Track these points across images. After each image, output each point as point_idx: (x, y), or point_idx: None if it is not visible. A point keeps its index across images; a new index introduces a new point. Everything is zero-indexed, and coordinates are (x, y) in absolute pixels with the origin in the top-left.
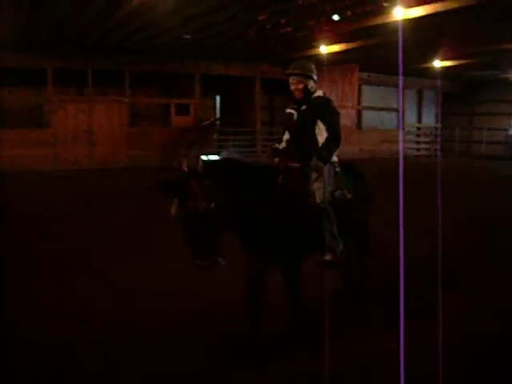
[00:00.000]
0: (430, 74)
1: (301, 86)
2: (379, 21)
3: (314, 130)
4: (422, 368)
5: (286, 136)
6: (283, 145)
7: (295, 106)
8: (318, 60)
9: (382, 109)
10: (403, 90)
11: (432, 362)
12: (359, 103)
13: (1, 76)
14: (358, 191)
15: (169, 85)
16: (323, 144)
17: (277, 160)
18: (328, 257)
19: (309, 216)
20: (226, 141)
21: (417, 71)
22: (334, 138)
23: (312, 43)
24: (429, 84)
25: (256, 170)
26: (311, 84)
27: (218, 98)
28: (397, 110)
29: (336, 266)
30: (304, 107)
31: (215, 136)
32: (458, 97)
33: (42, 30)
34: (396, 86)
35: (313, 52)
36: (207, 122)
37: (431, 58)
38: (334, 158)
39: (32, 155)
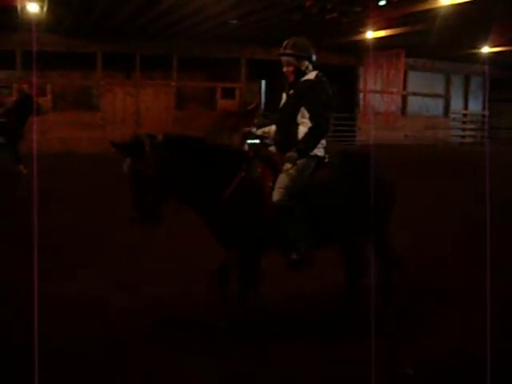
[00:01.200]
0: (478, 59)
1: (291, 68)
2: (426, 6)
3: (295, 117)
4: None
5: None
6: (267, 130)
7: (289, 90)
8: (364, 45)
9: (427, 95)
10: (450, 75)
11: None
12: (404, 89)
13: (52, 60)
14: (360, 186)
15: (215, 69)
16: (304, 135)
17: (246, 147)
18: (292, 256)
19: (265, 213)
20: (270, 125)
21: (464, 57)
22: (316, 129)
23: (358, 29)
24: (476, 70)
25: (218, 152)
26: (304, 65)
27: (263, 83)
28: (442, 96)
29: (301, 266)
30: (291, 91)
31: (258, 120)
32: (507, 83)
33: (92, 16)
34: (442, 71)
35: (359, 37)
36: (251, 106)
37: (479, 44)
38: (319, 152)
39: (81, 137)
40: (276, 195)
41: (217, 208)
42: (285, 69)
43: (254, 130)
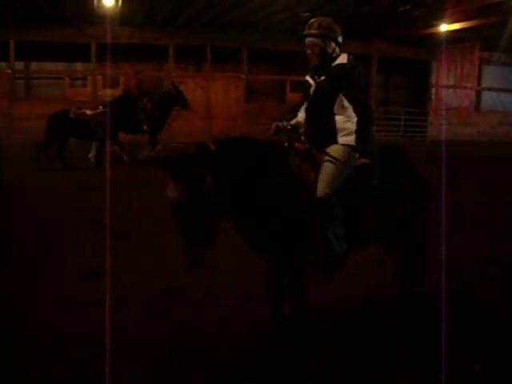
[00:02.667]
0: None
1: (317, 50)
2: None
3: (330, 106)
4: None
5: (302, 113)
6: (298, 121)
7: (315, 76)
8: (437, 38)
9: (502, 90)
10: None
11: None
12: (478, 84)
13: (126, 52)
14: (397, 180)
15: (285, 62)
16: (357, 132)
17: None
18: (325, 257)
19: (306, 210)
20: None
21: None
22: (366, 119)
23: (431, 21)
24: None
25: (263, 148)
26: (332, 47)
27: None
28: None
29: (332, 270)
30: (322, 78)
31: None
32: None
33: (165, 8)
34: None
35: (432, 30)
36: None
37: None
38: (352, 141)
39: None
40: (321, 190)
41: (258, 209)
42: (309, 51)
43: (285, 123)
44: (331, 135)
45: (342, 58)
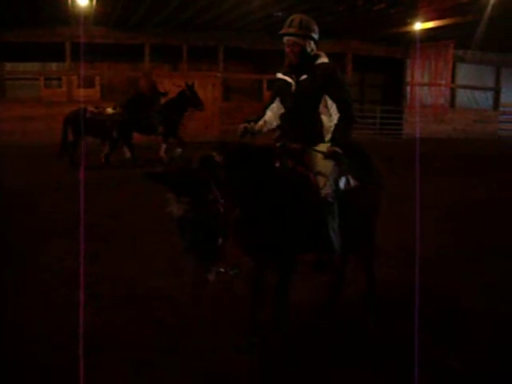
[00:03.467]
0: None
1: (297, 49)
2: None
3: (317, 106)
4: None
5: (275, 109)
6: (265, 120)
7: (292, 75)
8: (411, 37)
9: (476, 87)
10: (500, 67)
11: None
12: (453, 81)
13: (101, 52)
14: (365, 178)
15: (261, 60)
16: (336, 125)
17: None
18: (324, 256)
19: (310, 211)
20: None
21: None
22: (348, 117)
23: (406, 20)
24: None
25: (257, 152)
26: (311, 46)
27: None
28: (492, 89)
29: (330, 269)
30: (304, 76)
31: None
32: None
33: (140, 7)
34: (492, 63)
35: (406, 28)
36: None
37: None
38: None
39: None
40: (325, 189)
41: (259, 212)
42: (288, 50)
43: (252, 124)
44: (319, 134)
45: (324, 58)
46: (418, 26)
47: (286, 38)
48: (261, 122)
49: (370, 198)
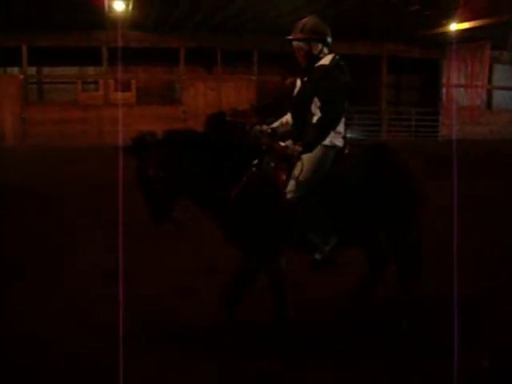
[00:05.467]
0: None
1: (302, 53)
2: None
3: (309, 107)
4: None
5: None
6: (282, 122)
7: (301, 77)
8: (447, 38)
9: None
10: None
11: None
12: (489, 83)
13: (137, 56)
14: (387, 180)
15: (295, 63)
16: (312, 125)
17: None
18: (315, 256)
19: (279, 209)
20: (350, 120)
21: None
22: (325, 120)
23: (441, 21)
24: None
25: (226, 147)
26: (317, 49)
27: None
28: None
29: (323, 266)
30: (305, 78)
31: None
32: None
33: (175, 12)
34: None
35: (442, 30)
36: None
37: None
38: (337, 141)
39: (164, 129)
40: (289, 189)
41: (227, 207)
42: (296, 54)
43: (264, 127)
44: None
45: (326, 59)
46: (454, 26)
47: (293, 43)
48: (277, 123)
49: (395, 201)
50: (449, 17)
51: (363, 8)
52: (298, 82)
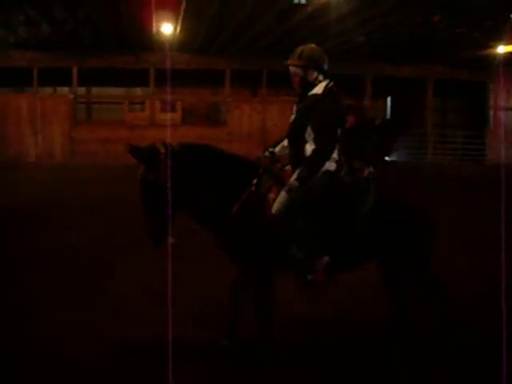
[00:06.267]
0: None
1: (297, 79)
2: None
3: (302, 134)
4: None
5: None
6: (283, 145)
7: (298, 104)
8: (494, 60)
9: None
10: None
11: None
12: None
13: (183, 77)
14: (386, 209)
15: (339, 85)
16: (306, 160)
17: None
18: (305, 277)
19: (267, 229)
20: (395, 142)
21: None
22: (319, 151)
23: (488, 42)
24: None
25: (233, 164)
26: (313, 76)
27: (388, 100)
28: None
29: (312, 288)
30: (300, 106)
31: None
32: None
33: (222, 35)
34: None
35: (489, 52)
36: (379, 122)
37: None
38: (330, 166)
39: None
40: (274, 209)
41: (225, 223)
42: (292, 80)
43: (270, 149)
44: (302, 160)
45: (319, 88)
46: (501, 48)
47: (290, 69)
48: (279, 147)
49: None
50: (496, 39)
51: (410, 30)
52: (295, 108)
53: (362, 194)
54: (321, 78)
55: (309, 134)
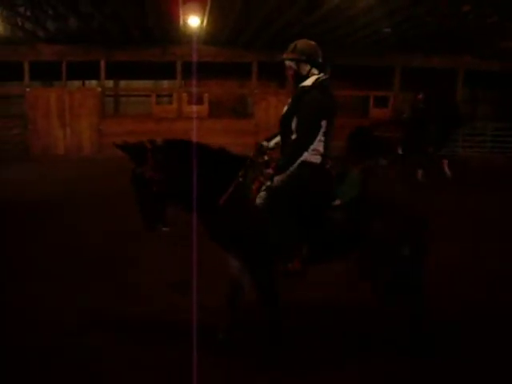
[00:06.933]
0: None
1: (290, 72)
2: None
3: (290, 125)
4: None
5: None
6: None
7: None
8: None
9: None
10: None
11: None
12: None
13: (210, 70)
14: (362, 203)
15: (368, 77)
16: (286, 148)
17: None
18: (288, 266)
19: (252, 217)
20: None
21: None
22: (299, 142)
23: None
24: None
25: (218, 158)
26: (305, 69)
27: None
28: None
29: (293, 275)
30: (292, 97)
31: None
32: None
33: (248, 27)
34: None
35: None
36: (405, 116)
37: None
38: (313, 158)
39: (235, 143)
40: (259, 195)
41: (215, 214)
42: (286, 73)
43: (265, 143)
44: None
45: (310, 80)
46: None
47: (285, 62)
48: (275, 140)
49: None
50: None
51: (438, 21)
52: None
53: (345, 187)
54: (315, 71)
55: (295, 124)
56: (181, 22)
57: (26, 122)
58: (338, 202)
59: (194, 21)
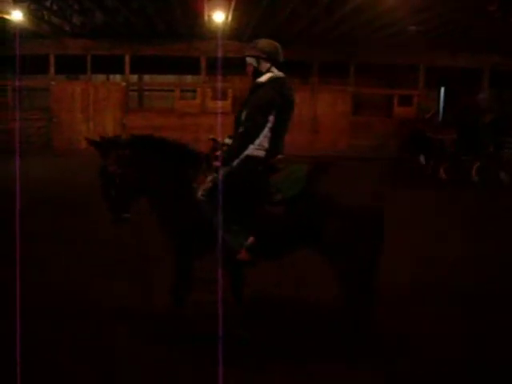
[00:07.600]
0: None
1: (249, 69)
2: None
3: (241, 119)
4: None
5: None
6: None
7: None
8: None
9: None
10: None
11: None
12: None
13: (235, 65)
14: (307, 198)
15: (392, 75)
16: (231, 141)
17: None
18: (239, 256)
19: (196, 210)
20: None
21: None
22: (243, 135)
23: None
24: None
25: (178, 152)
26: (265, 67)
27: (442, 90)
28: None
29: (246, 265)
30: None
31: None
32: None
33: (272, 23)
34: None
35: None
36: (429, 115)
37: None
38: (257, 152)
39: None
40: (202, 188)
41: (167, 204)
42: (246, 69)
43: (219, 139)
44: None
45: (264, 77)
46: None
47: (246, 59)
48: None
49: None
50: None
51: (466, 20)
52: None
53: (289, 183)
54: (274, 70)
55: (243, 117)
56: (206, 18)
57: (50, 116)
58: (279, 197)
59: (218, 16)
